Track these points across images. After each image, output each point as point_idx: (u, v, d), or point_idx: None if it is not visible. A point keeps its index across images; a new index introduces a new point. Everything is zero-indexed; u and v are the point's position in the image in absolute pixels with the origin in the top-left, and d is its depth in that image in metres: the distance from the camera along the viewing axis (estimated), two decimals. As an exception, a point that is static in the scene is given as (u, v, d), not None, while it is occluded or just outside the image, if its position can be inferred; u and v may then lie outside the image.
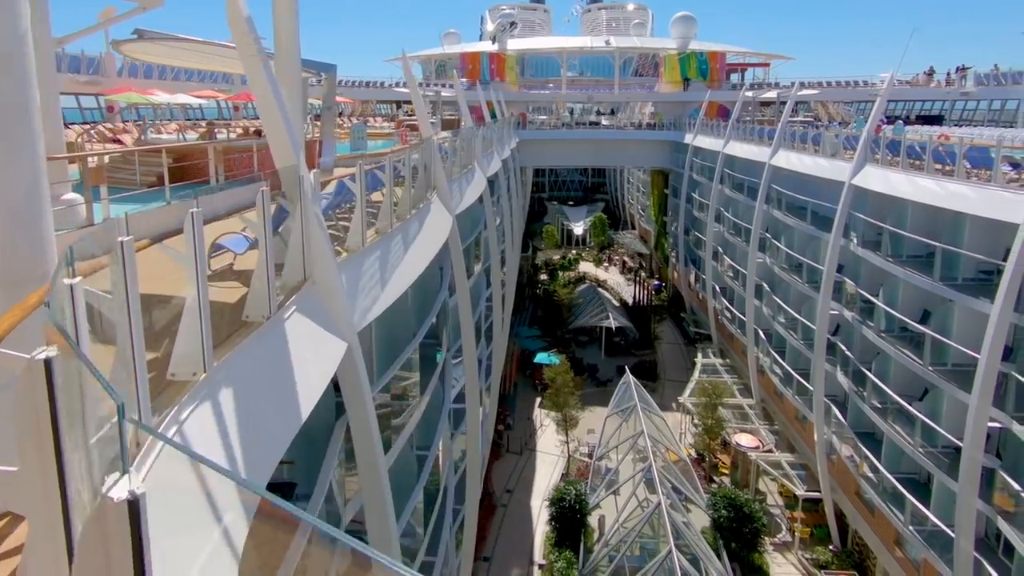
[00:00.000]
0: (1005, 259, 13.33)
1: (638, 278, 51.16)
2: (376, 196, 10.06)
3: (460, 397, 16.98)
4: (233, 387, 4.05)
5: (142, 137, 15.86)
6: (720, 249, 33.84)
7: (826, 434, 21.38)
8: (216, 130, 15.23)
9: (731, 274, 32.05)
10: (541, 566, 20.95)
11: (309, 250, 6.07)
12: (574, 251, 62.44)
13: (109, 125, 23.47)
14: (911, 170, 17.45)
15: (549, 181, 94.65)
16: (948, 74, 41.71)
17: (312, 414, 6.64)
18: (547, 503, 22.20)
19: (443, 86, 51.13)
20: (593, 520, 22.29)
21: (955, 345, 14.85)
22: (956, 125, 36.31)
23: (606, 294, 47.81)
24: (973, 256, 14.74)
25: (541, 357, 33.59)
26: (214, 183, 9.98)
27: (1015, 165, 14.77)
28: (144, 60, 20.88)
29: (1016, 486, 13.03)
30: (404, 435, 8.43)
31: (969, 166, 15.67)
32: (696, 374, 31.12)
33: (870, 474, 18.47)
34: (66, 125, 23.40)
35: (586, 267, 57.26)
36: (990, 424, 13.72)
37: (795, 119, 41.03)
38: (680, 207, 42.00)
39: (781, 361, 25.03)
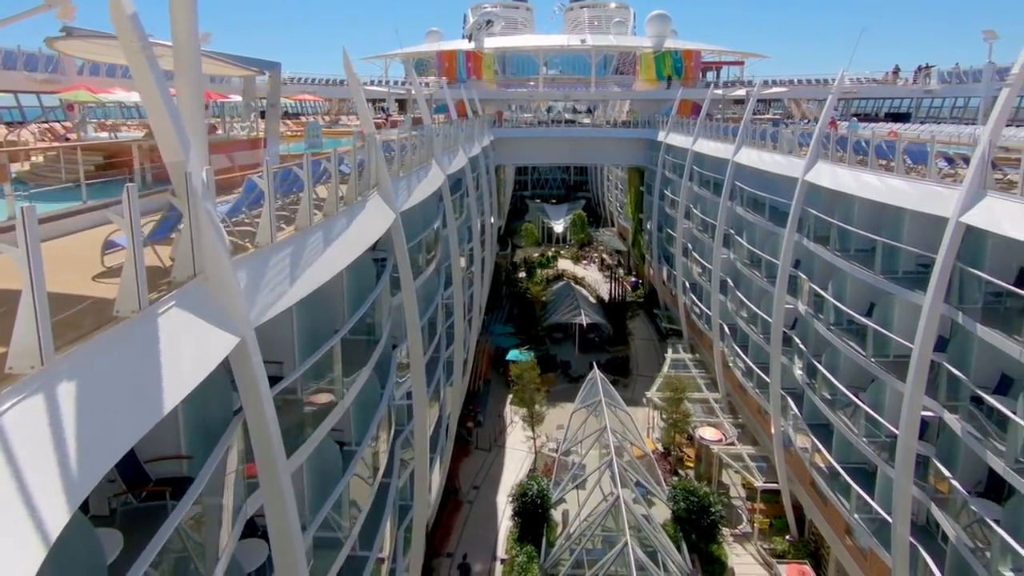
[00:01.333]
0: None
1: (615, 275, 51.52)
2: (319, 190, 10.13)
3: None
4: (76, 380, 4.10)
5: (80, 135, 15.71)
6: (690, 245, 34.20)
7: (783, 426, 21.75)
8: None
9: (699, 270, 32.42)
10: (503, 560, 21.09)
11: (199, 246, 6.13)
12: (554, 249, 62.68)
13: (68, 123, 23.19)
14: (857, 166, 17.79)
15: (532, 180, 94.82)
16: (915, 72, 42.42)
17: (210, 409, 6.69)
18: (510, 499, 22.34)
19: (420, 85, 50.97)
20: (558, 514, 22.49)
21: (894, 337, 15.20)
22: (922, 122, 36.97)
23: (583, 291, 48.07)
24: (912, 250, 15.08)
25: (513, 354, 33.70)
26: (139, 181, 9.97)
27: (950, 160, 15.13)
28: (88, 59, 20.66)
29: (947, 473, 13.39)
30: (323, 429, 8.49)
31: (910, 162, 16.01)
32: (665, 369, 31.45)
33: (822, 465, 18.82)
34: (20, 123, 23.11)
35: (565, 264, 57.52)
36: (925, 413, 14.08)
37: (765, 116, 41.54)
38: (654, 204, 42.37)
39: (743, 355, 25.39)
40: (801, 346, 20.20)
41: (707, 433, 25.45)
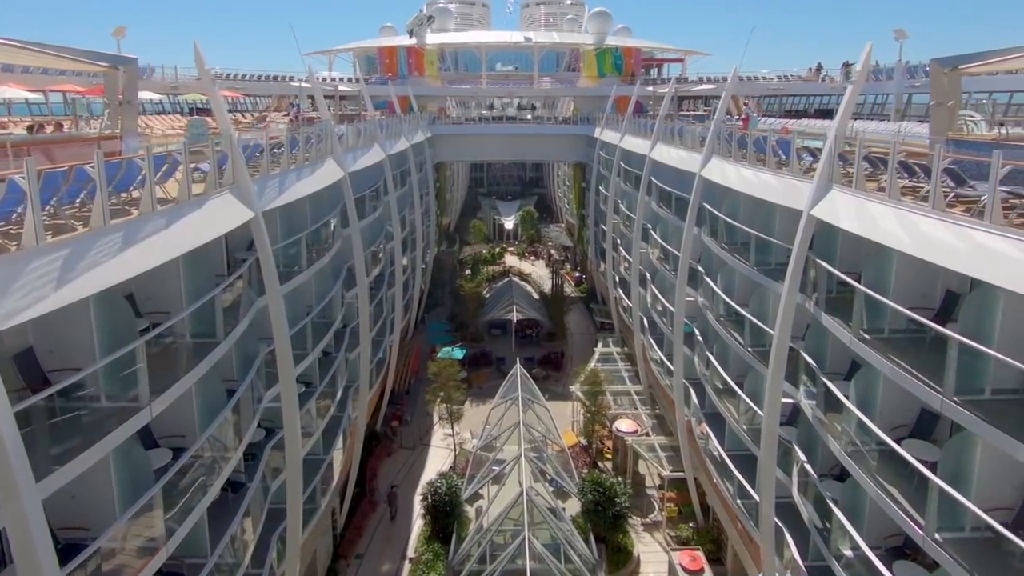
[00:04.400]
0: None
1: (560, 270, 51.84)
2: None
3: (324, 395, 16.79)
4: None
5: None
6: (618, 240, 34.66)
7: (686, 416, 22.25)
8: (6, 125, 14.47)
9: (626, 264, 32.88)
10: (411, 559, 21.02)
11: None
12: (503, 245, 62.73)
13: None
14: (742, 161, 18.25)
15: (487, 176, 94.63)
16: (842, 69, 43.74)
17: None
18: (420, 497, 22.28)
19: (353, 80, 50.34)
20: (473, 511, 22.53)
21: (762, 326, 15.66)
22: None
23: (527, 287, 48.25)
24: (775, 241, 15.56)
25: (445, 352, 33.61)
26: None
27: (813, 155, 15.63)
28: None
29: (803, 456, 13.89)
30: (115, 437, 8.22)
31: (783, 156, 16.48)
32: (593, 363, 31.80)
33: (716, 453, 19.32)
34: None
35: (512, 261, 57.64)
36: (786, 400, 14.57)
37: (691, 112, 42.39)
38: (590, 199, 42.80)
39: (656, 348, 25.87)
40: (699, 337, 20.68)
41: (623, 425, 25.85)
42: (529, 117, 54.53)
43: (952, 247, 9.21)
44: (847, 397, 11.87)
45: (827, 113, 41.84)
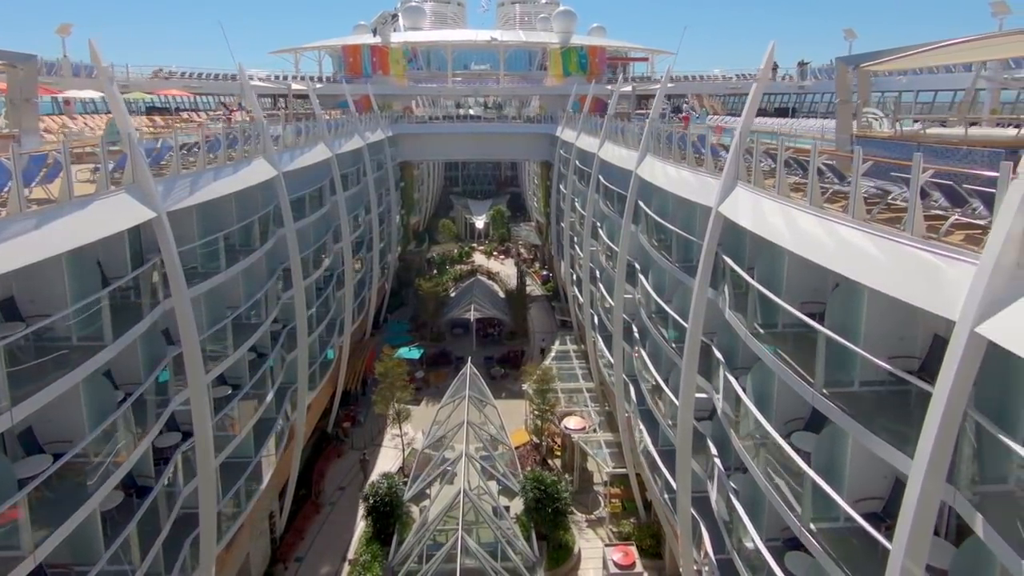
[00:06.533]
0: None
1: (528, 268, 51.88)
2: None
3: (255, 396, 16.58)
4: None
5: None
6: (575, 238, 34.79)
7: (627, 412, 22.41)
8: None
9: (580, 262, 33.02)
10: (351, 561, 20.90)
11: None
12: (473, 244, 62.61)
13: None
14: (669, 159, 18.40)
15: (462, 175, 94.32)
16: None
17: None
18: (362, 499, 22.16)
19: (315, 79, 49.84)
20: (417, 511, 22.44)
21: (683, 322, 15.80)
22: (806, 116, 38.79)
23: (493, 286, 48.19)
24: (686, 236, 15.76)
25: (402, 352, 33.45)
26: None
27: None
28: None
29: (714, 450, 14.06)
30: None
31: (705, 153, 16.63)
32: (548, 361, 31.88)
33: (648, 448, 19.48)
34: None
35: (481, 260, 57.58)
36: (698, 396, 14.75)
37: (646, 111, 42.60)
38: (553, 198, 42.90)
39: (603, 345, 26.01)
40: (636, 334, 20.82)
41: (572, 422, 25.95)
42: (494, 116, 54.41)
43: (822, 242, 9.37)
44: (745, 391, 12.02)
45: (785, 111, 42.45)
